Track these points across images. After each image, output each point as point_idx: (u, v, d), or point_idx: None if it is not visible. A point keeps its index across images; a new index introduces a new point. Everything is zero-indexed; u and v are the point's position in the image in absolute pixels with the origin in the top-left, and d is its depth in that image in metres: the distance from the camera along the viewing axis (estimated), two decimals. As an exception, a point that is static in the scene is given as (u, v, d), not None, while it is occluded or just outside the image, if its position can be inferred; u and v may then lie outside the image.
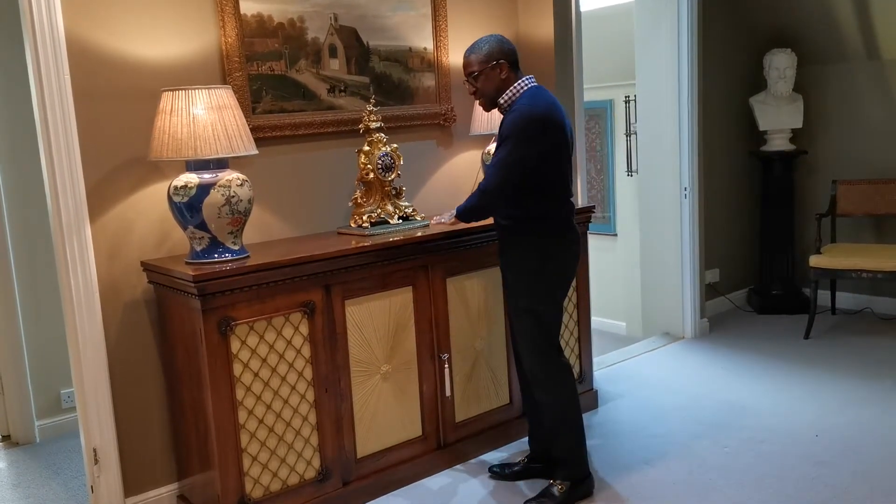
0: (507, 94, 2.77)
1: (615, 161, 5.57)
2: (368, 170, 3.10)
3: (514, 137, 2.65)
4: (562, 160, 2.75)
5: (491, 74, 2.76)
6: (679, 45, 4.53)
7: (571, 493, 2.84)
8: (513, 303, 2.87)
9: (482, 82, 2.78)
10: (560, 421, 2.86)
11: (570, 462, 2.87)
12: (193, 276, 2.47)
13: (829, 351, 4.39)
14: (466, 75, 2.83)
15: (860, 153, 4.99)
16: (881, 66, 4.88)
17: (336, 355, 2.85)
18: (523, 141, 2.64)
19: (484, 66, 2.76)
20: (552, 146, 2.69)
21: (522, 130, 2.64)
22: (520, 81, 2.77)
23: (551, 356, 2.83)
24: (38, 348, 3.76)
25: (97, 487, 2.79)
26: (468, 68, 2.81)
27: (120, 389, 2.81)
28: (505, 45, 2.79)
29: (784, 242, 5.15)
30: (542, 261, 2.76)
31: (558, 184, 2.77)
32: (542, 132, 2.66)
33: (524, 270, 2.79)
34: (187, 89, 2.57)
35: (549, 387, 2.84)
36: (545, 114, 2.67)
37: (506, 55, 2.77)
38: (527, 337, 2.83)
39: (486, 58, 2.76)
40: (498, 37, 2.81)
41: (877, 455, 3.12)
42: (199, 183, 2.58)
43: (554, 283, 2.82)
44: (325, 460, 2.85)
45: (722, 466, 3.09)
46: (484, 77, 2.77)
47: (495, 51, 2.76)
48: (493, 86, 2.77)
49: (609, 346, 4.84)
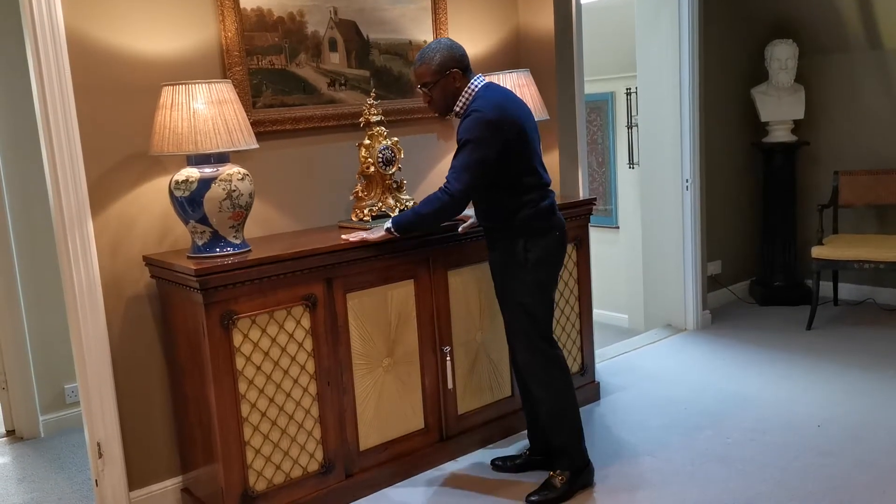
0: (461, 100, 2.76)
1: (616, 153, 5.56)
2: (369, 163, 3.10)
3: (471, 141, 2.65)
4: (526, 151, 2.74)
5: (444, 84, 2.74)
6: (680, 37, 4.52)
7: (572, 483, 2.85)
8: (504, 298, 2.88)
9: (436, 93, 2.76)
10: (556, 412, 2.87)
11: (569, 452, 2.88)
12: (195, 270, 2.48)
13: (832, 342, 4.39)
14: (419, 85, 2.80)
15: (862, 144, 4.98)
16: (883, 56, 4.86)
17: (338, 348, 2.86)
18: (480, 142, 2.64)
19: (437, 77, 2.73)
20: (511, 141, 2.68)
21: (477, 132, 2.64)
22: (471, 84, 2.76)
23: (544, 349, 2.84)
24: (41, 344, 3.78)
25: (101, 481, 2.81)
26: (421, 79, 2.78)
27: (123, 384, 2.83)
28: (455, 51, 2.77)
29: (786, 234, 5.15)
30: (529, 253, 2.77)
31: (528, 175, 2.76)
32: (497, 130, 2.65)
33: (512, 264, 2.79)
34: (188, 84, 2.57)
35: (543, 379, 2.85)
36: (497, 113, 2.66)
37: (458, 62, 2.75)
38: (519, 331, 2.84)
39: (439, 68, 2.73)
40: (447, 42, 2.79)
41: (879, 445, 3.13)
42: (200, 177, 2.58)
43: (542, 274, 2.82)
44: (327, 453, 2.86)
45: (724, 457, 3.10)
46: (439, 88, 2.75)
47: (447, 59, 2.74)
48: (448, 94, 2.76)
49: (611, 338, 4.84)
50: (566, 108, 3.86)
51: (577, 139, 3.92)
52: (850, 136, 5.04)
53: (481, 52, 3.71)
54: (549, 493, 2.83)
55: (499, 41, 3.83)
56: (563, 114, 3.84)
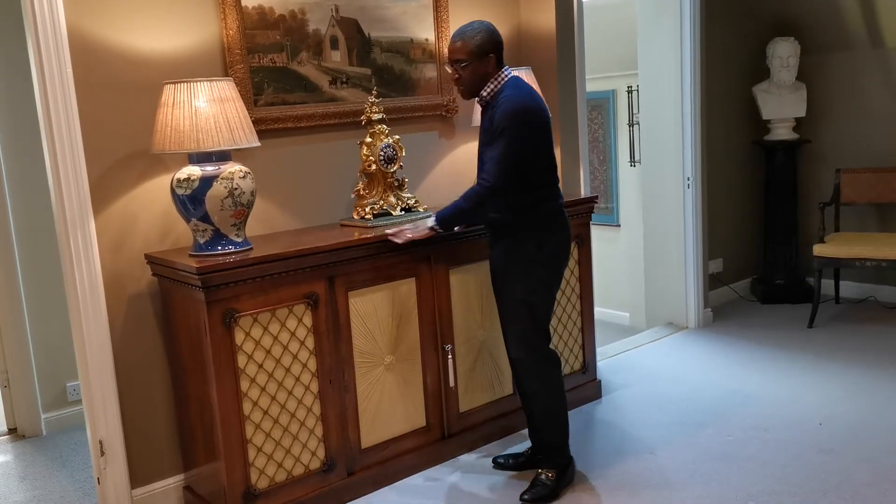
0: (489, 85, 2.75)
1: (618, 151, 5.56)
2: (371, 161, 3.10)
3: (510, 130, 2.64)
4: (550, 148, 2.77)
5: (478, 66, 2.72)
6: (682, 35, 4.51)
7: (559, 480, 2.86)
8: (505, 293, 2.84)
9: (468, 73, 2.72)
10: (551, 410, 2.88)
11: (559, 450, 2.91)
12: (197, 268, 2.48)
13: (833, 340, 4.38)
14: (452, 61, 2.76)
15: (864, 142, 4.97)
16: (885, 55, 4.86)
17: (340, 346, 2.86)
18: (519, 134, 2.64)
19: (472, 58, 2.70)
20: (542, 136, 2.71)
21: (517, 123, 2.64)
22: (501, 73, 2.76)
23: (540, 346, 2.84)
24: (43, 342, 3.78)
25: (103, 479, 2.81)
26: (456, 54, 2.74)
27: (125, 382, 2.83)
28: (496, 36, 2.75)
29: (788, 232, 5.14)
30: (537, 251, 2.77)
31: (549, 172, 2.79)
32: (532, 124, 2.67)
33: (520, 260, 2.78)
34: (189, 82, 2.57)
35: (536, 375, 2.85)
36: (534, 105, 2.70)
37: (496, 48, 2.74)
38: (517, 327, 2.83)
39: (478, 49, 2.70)
40: (488, 25, 2.76)
41: (881, 442, 3.13)
42: (201, 175, 2.58)
43: (551, 272, 2.82)
44: (329, 451, 2.86)
45: (726, 455, 3.10)
46: (471, 68, 2.72)
47: (487, 42, 2.72)
48: (477, 77, 2.74)
49: (612, 336, 4.84)
50: (567, 105, 3.86)
51: (578, 137, 3.92)
52: (851, 134, 5.04)
53: (483, 50, 3.71)
54: (540, 490, 2.84)
55: (500, 39, 3.82)
56: (564, 111, 3.84)
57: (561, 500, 2.83)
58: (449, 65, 2.80)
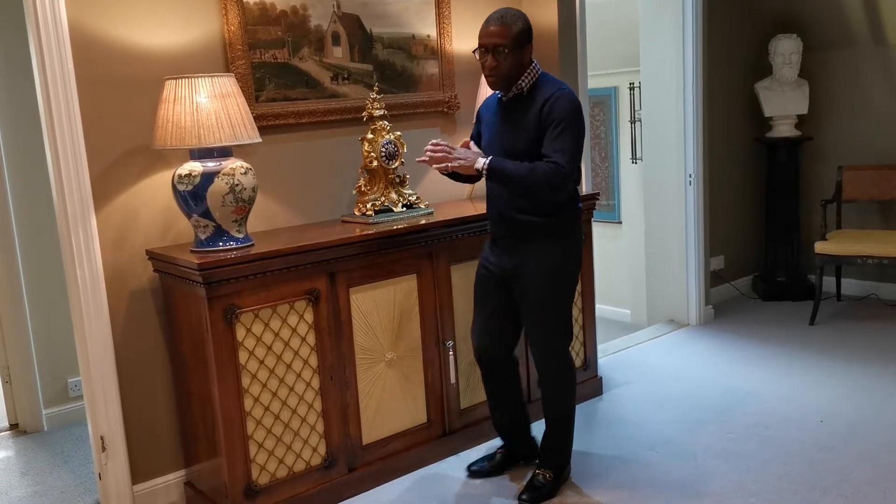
0: (526, 78, 2.65)
1: (620, 148, 5.55)
2: (372, 158, 3.09)
3: (573, 124, 2.58)
4: None
5: (519, 56, 2.59)
6: (684, 32, 4.50)
7: (557, 481, 2.86)
8: (541, 297, 2.72)
9: (507, 61, 2.57)
10: (566, 414, 2.86)
11: (564, 452, 2.90)
12: (198, 264, 2.48)
13: (835, 337, 4.38)
14: (490, 46, 2.57)
15: (866, 139, 4.97)
16: (887, 52, 4.85)
17: (341, 343, 2.86)
18: (580, 129, 2.61)
19: (514, 45, 2.57)
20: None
21: (578, 118, 2.60)
22: (535, 65, 2.69)
23: (566, 354, 2.82)
24: (44, 337, 3.78)
25: (105, 475, 2.81)
26: (495, 39, 2.56)
27: (126, 377, 2.83)
28: (530, 26, 2.66)
29: (789, 229, 5.14)
30: (573, 250, 2.74)
31: (580, 172, 2.77)
32: (583, 123, 2.65)
33: (558, 262, 2.70)
34: (190, 78, 2.57)
35: (560, 379, 2.81)
36: (578, 102, 2.65)
37: (531, 39, 2.65)
38: (547, 331, 2.76)
39: (519, 36, 2.58)
40: (524, 15, 2.66)
41: (882, 440, 3.12)
42: (203, 171, 2.58)
43: (574, 279, 2.81)
44: (330, 447, 2.86)
45: (727, 452, 3.10)
46: (512, 57, 2.58)
47: (527, 31, 2.62)
48: (517, 67, 2.61)
49: (614, 333, 4.84)
50: (569, 102, 3.85)
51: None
52: (853, 132, 5.03)
53: (484, 47, 3.70)
54: (541, 490, 2.83)
55: (502, 35, 3.81)
56: (566, 108, 3.83)
57: (561, 497, 2.83)
58: (484, 51, 2.59)
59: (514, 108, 2.69)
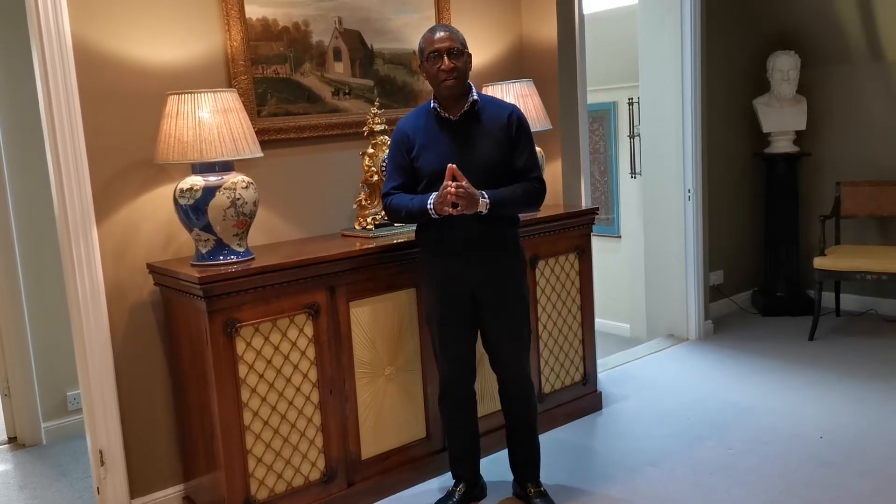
0: (472, 91, 2.69)
1: (619, 163, 5.57)
2: (372, 172, 3.11)
3: (530, 138, 2.74)
4: None
5: (468, 58, 2.66)
6: (682, 47, 4.53)
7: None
8: (516, 304, 2.77)
9: (462, 61, 2.61)
10: (536, 428, 2.90)
11: (539, 462, 2.92)
12: (199, 277, 2.49)
13: (834, 352, 4.38)
14: (444, 50, 2.58)
15: (864, 155, 4.98)
16: (885, 68, 4.87)
17: (341, 357, 2.86)
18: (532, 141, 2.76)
19: (463, 48, 2.63)
20: None
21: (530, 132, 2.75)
22: None
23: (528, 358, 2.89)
24: (44, 350, 3.78)
25: (103, 489, 2.81)
26: (447, 43, 2.59)
27: (126, 391, 2.83)
28: None
29: (788, 244, 5.15)
30: (524, 261, 2.85)
31: None
32: None
33: (522, 268, 2.82)
34: (193, 93, 2.58)
35: (531, 387, 2.87)
36: None
37: None
38: (521, 337, 2.81)
39: (464, 42, 2.65)
40: None
41: (882, 455, 3.12)
42: (204, 185, 2.59)
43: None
44: (329, 461, 2.86)
45: (726, 467, 3.09)
46: (465, 57, 2.63)
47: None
48: (468, 70, 2.66)
49: (613, 347, 4.84)
50: (569, 117, 3.88)
51: (579, 148, 3.93)
52: (852, 147, 5.05)
53: (485, 62, 3.72)
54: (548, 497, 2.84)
55: (502, 51, 3.84)
56: (565, 123, 3.85)
57: (561, 511, 2.83)
58: (437, 55, 2.59)
59: (467, 123, 2.67)
